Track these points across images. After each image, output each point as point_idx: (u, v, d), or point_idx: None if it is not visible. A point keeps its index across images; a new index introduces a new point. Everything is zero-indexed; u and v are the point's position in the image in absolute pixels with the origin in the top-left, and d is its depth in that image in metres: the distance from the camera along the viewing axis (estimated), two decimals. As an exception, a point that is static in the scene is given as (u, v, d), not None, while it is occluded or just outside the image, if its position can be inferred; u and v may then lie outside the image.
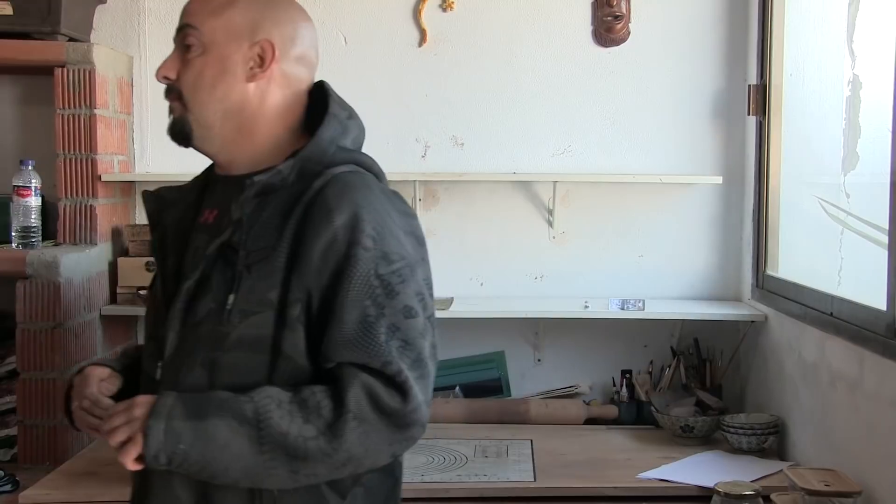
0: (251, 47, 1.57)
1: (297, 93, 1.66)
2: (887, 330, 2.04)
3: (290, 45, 1.63)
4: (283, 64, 1.62)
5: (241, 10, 1.57)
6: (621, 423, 3.03)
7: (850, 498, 2.09)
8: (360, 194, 1.53)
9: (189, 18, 1.58)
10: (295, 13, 1.66)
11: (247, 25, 1.57)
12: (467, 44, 3.13)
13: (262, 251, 1.50)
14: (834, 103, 2.57)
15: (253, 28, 1.57)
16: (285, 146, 1.60)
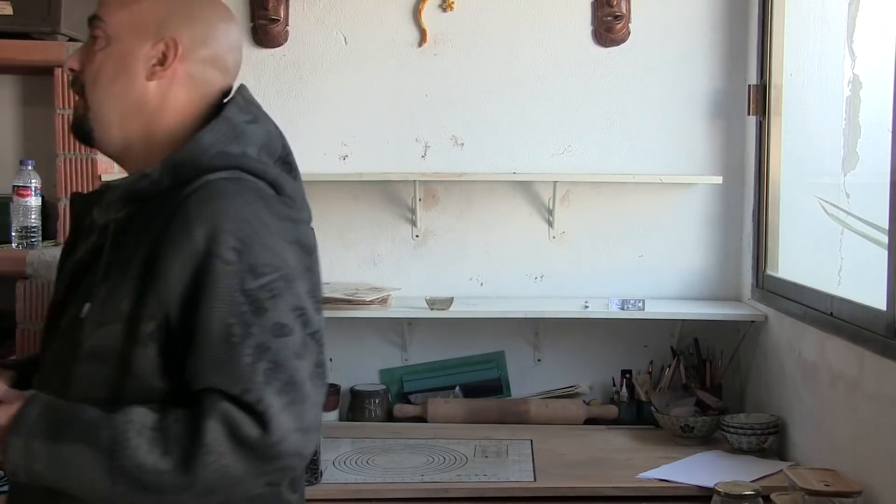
0: (155, 45, 1.48)
1: (205, 96, 1.52)
2: (887, 330, 2.04)
3: (200, 46, 1.50)
4: (188, 64, 1.49)
5: (150, 4, 1.49)
6: (621, 423, 3.03)
7: (850, 498, 2.09)
8: (225, 202, 1.39)
9: (98, 9, 1.51)
10: (211, 12, 1.54)
11: (154, 21, 1.48)
12: (467, 44, 3.13)
13: (122, 260, 1.41)
14: (834, 103, 2.57)
15: (160, 24, 1.48)
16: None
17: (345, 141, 3.15)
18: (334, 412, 3.06)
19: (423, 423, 3.01)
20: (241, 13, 3.14)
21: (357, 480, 2.48)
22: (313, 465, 2.40)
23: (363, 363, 3.17)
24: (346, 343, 3.15)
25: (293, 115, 3.15)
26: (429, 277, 3.17)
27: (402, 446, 2.75)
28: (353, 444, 2.76)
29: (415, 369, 3.18)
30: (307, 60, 3.14)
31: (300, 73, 3.14)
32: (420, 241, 3.17)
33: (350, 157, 3.16)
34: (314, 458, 2.40)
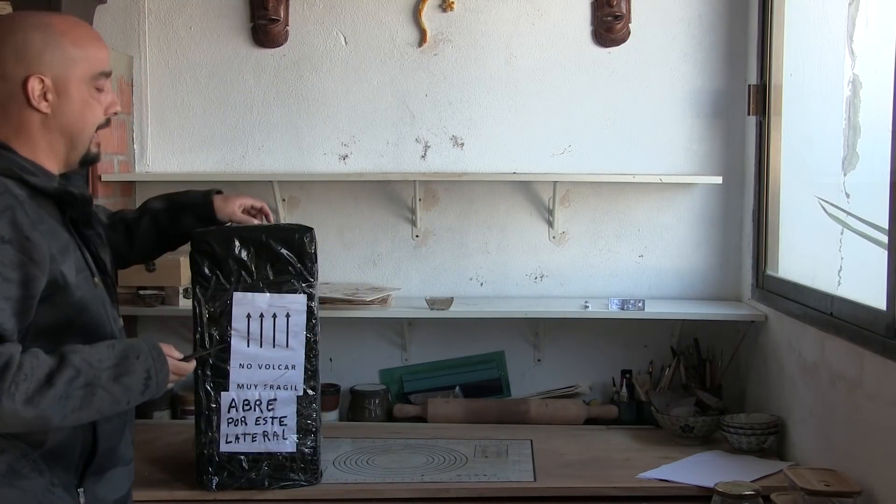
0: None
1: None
2: (887, 330, 2.04)
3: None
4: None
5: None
6: (621, 423, 3.03)
7: (850, 498, 2.09)
8: None
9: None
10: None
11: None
12: (467, 44, 3.13)
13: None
14: (834, 103, 2.57)
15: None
16: None
17: (345, 141, 3.15)
18: (334, 412, 3.06)
19: (423, 423, 3.01)
20: (241, 13, 3.14)
21: (357, 480, 2.48)
22: (313, 465, 2.40)
23: (363, 363, 3.17)
24: (346, 343, 3.15)
25: (293, 115, 3.15)
26: (429, 277, 3.17)
27: (402, 446, 2.75)
28: (353, 444, 2.76)
29: (415, 369, 3.18)
30: (307, 60, 3.15)
31: (300, 73, 3.15)
32: (420, 241, 3.17)
33: (350, 157, 3.16)
34: (314, 457, 2.40)
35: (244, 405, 2.34)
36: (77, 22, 1.83)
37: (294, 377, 2.34)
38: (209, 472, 2.36)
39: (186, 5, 3.14)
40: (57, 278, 1.70)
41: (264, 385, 2.34)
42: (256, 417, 2.35)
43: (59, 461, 1.75)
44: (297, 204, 3.15)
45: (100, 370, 1.70)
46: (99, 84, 1.80)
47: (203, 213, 2.28)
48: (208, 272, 2.30)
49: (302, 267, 2.33)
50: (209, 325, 2.30)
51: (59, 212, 1.77)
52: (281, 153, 3.16)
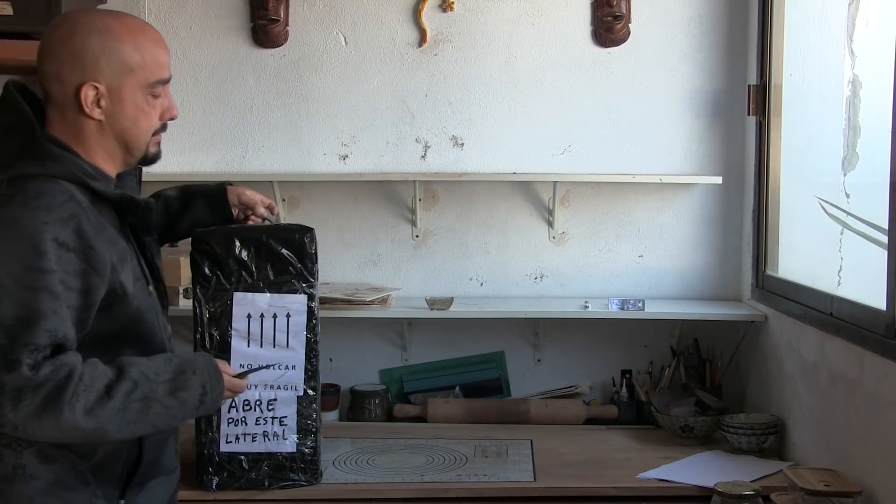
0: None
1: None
2: (887, 330, 2.04)
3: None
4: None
5: None
6: (621, 423, 3.03)
7: (849, 498, 2.09)
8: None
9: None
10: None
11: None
12: (467, 44, 3.13)
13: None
14: (834, 103, 2.57)
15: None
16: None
17: (345, 141, 3.15)
18: (334, 412, 3.06)
19: (423, 423, 3.01)
20: (241, 13, 3.14)
21: (357, 480, 2.48)
22: (313, 465, 2.40)
23: (363, 363, 3.17)
24: (346, 343, 3.15)
25: (293, 115, 3.15)
26: (429, 277, 3.17)
27: (402, 446, 2.75)
28: (353, 444, 2.76)
29: (415, 369, 3.18)
30: (307, 60, 3.14)
31: (300, 73, 3.15)
32: (420, 241, 3.17)
33: (350, 157, 3.16)
34: (314, 458, 2.40)
35: (244, 405, 2.34)
36: (138, 26, 1.78)
37: (294, 377, 2.34)
38: (209, 472, 2.36)
39: (186, 5, 3.14)
40: (116, 288, 1.69)
41: (264, 385, 2.34)
42: (256, 417, 2.35)
43: (104, 473, 1.74)
44: (297, 204, 3.15)
45: (156, 384, 1.69)
46: (155, 91, 1.77)
47: (216, 199, 2.26)
48: (209, 272, 2.30)
49: (302, 267, 2.33)
50: (209, 325, 2.31)
51: (118, 218, 1.76)
52: (281, 153, 3.16)
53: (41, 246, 1.59)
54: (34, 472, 1.68)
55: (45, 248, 1.59)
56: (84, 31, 1.72)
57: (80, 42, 1.71)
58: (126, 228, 1.77)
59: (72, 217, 1.63)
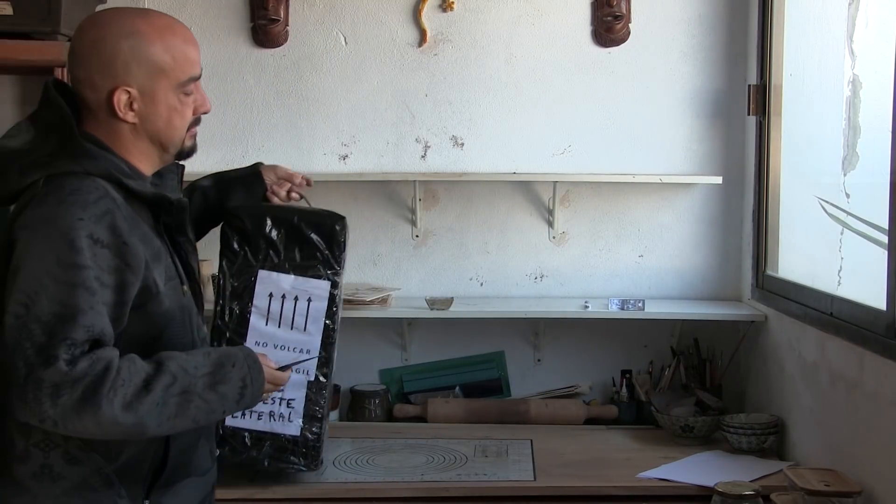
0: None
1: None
2: (887, 330, 2.04)
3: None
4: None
5: None
6: (621, 423, 3.03)
7: (850, 498, 2.09)
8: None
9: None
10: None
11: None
12: (467, 44, 3.13)
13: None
14: (834, 103, 2.57)
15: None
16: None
17: (345, 141, 3.15)
18: (334, 412, 3.06)
19: (423, 423, 3.01)
20: (241, 13, 3.14)
21: (357, 480, 2.48)
22: (314, 451, 2.38)
23: (363, 363, 3.17)
24: (346, 343, 3.14)
25: (293, 115, 3.15)
26: (429, 277, 3.17)
27: (402, 446, 2.75)
28: (353, 444, 2.76)
29: (415, 369, 3.18)
30: (307, 60, 3.15)
31: (300, 73, 3.15)
32: (420, 241, 3.17)
33: (350, 157, 3.16)
34: (317, 444, 2.38)
35: None
36: (167, 25, 1.78)
37: (307, 362, 2.33)
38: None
39: (186, 5, 3.14)
40: (150, 285, 1.69)
41: (277, 365, 2.33)
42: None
43: (129, 474, 1.74)
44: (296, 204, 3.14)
45: (196, 377, 1.68)
46: (187, 89, 1.78)
47: (251, 181, 2.28)
48: (237, 247, 2.30)
49: (329, 254, 2.32)
50: (230, 299, 2.30)
51: (153, 217, 1.76)
52: (281, 153, 3.16)
53: (76, 242, 1.60)
54: (60, 472, 1.69)
55: (81, 244, 1.60)
56: (113, 34, 1.72)
57: (110, 47, 1.71)
58: (160, 227, 1.77)
59: (106, 213, 1.64)
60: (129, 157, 1.77)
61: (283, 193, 2.32)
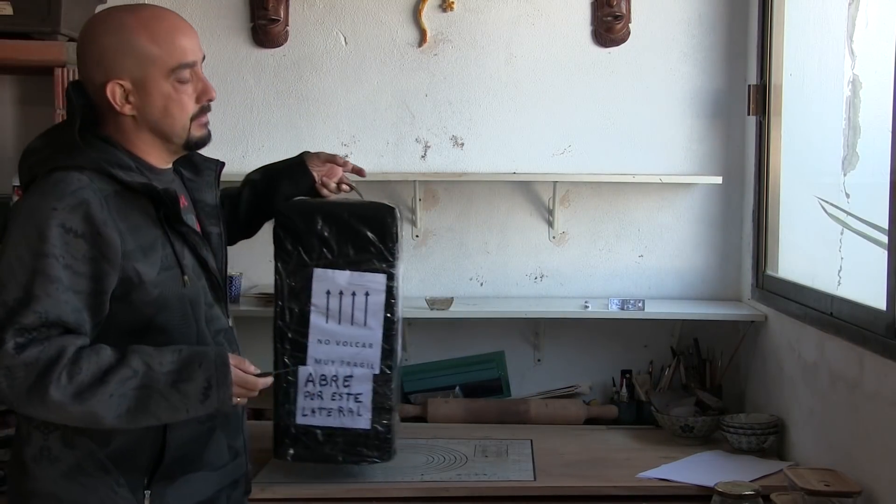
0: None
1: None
2: (887, 330, 2.04)
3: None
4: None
5: None
6: (621, 423, 3.03)
7: (849, 498, 2.09)
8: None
9: (199, 50, 1.87)
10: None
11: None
12: (467, 44, 3.13)
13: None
14: (834, 103, 2.57)
15: None
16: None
17: (345, 141, 3.15)
18: (334, 412, 3.06)
19: (422, 423, 3.01)
20: (241, 13, 3.14)
21: (357, 480, 2.47)
22: (386, 442, 2.38)
23: (363, 363, 3.16)
24: (346, 343, 3.14)
25: (293, 115, 3.15)
26: (429, 277, 3.17)
27: (402, 446, 2.74)
28: (353, 444, 2.76)
29: (415, 369, 3.18)
30: (307, 60, 3.15)
31: (300, 73, 3.15)
32: (420, 241, 3.17)
33: (350, 157, 3.14)
34: (388, 435, 2.38)
35: (321, 380, 2.33)
36: (153, 15, 1.82)
37: (371, 355, 2.33)
38: (285, 442, 2.36)
39: (186, 5, 3.14)
40: (130, 276, 1.71)
41: (341, 361, 2.33)
42: (332, 393, 2.34)
43: (126, 462, 1.76)
44: (297, 204, 3.15)
45: (159, 374, 1.68)
46: (180, 76, 1.80)
47: (298, 172, 2.29)
48: (290, 247, 2.31)
49: (383, 246, 2.32)
50: (289, 299, 2.31)
51: (155, 208, 1.78)
52: (281, 153, 3.13)
53: (45, 231, 1.65)
54: (58, 454, 1.73)
55: (49, 233, 1.65)
56: (100, 32, 1.78)
57: (98, 44, 1.77)
58: (161, 218, 1.79)
59: (81, 203, 1.67)
60: (136, 151, 1.82)
61: (332, 186, 2.33)
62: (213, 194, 1.98)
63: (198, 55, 1.85)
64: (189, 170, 1.97)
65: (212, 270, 1.89)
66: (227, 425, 1.90)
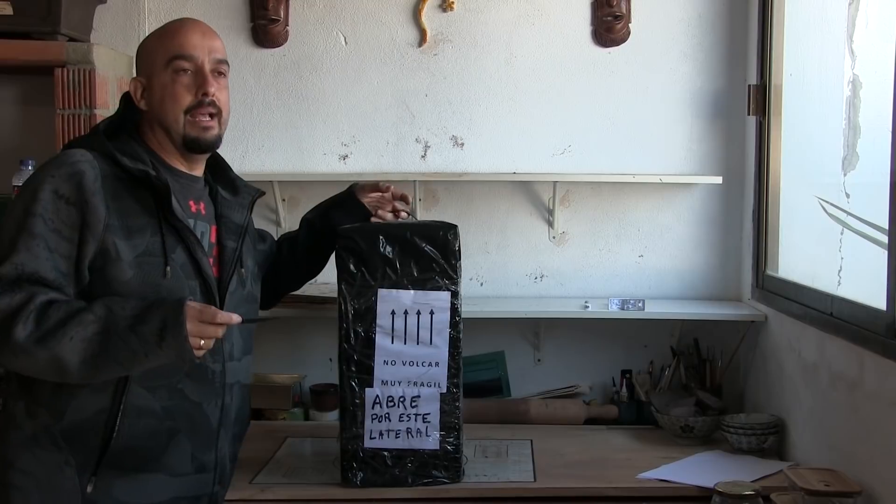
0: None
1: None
2: (887, 330, 2.04)
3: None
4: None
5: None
6: (621, 423, 3.03)
7: (850, 498, 2.09)
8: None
9: (220, 53, 2.02)
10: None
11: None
12: (467, 44, 3.13)
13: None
14: (834, 103, 2.57)
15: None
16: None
17: (345, 141, 3.15)
18: (335, 412, 3.06)
19: (423, 423, 3.00)
20: (241, 13, 3.14)
21: (357, 480, 2.47)
22: (455, 462, 2.39)
23: (363, 363, 3.16)
24: (346, 343, 3.14)
25: (293, 115, 3.15)
26: (429, 277, 3.17)
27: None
28: (353, 444, 2.76)
29: (415, 369, 3.17)
30: (307, 60, 3.14)
31: (300, 73, 3.14)
32: (420, 241, 3.17)
33: (350, 157, 3.16)
34: (457, 455, 2.39)
35: (388, 401, 2.34)
36: (174, 21, 2.01)
37: (438, 374, 2.34)
38: (353, 467, 2.36)
39: (186, 5, 3.14)
40: (108, 248, 1.78)
41: (408, 382, 2.34)
42: (400, 414, 2.35)
43: (77, 442, 1.80)
44: (297, 204, 3.15)
45: (119, 317, 1.73)
46: (176, 66, 1.92)
47: (350, 205, 2.38)
48: (354, 269, 2.31)
49: (446, 264, 2.33)
50: (354, 322, 2.32)
51: (155, 201, 1.86)
52: (281, 153, 3.16)
53: (38, 194, 1.76)
54: (21, 422, 1.82)
55: (41, 195, 1.76)
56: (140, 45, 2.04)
57: (136, 54, 2.04)
58: (159, 209, 1.87)
59: (76, 173, 1.79)
60: (155, 148, 1.95)
61: (389, 216, 2.41)
62: (243, 215, 2.09)
63: (200, 51, 1.95)
64: (228, 190, 2.09)
65: (205, 276, 1.92)
66: (193, 431, 1.92)
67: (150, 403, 1.86)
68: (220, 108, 2.01)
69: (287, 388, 3.07)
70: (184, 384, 1.91)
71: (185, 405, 1.91)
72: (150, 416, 1.84)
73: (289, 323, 3.12)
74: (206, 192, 2.06)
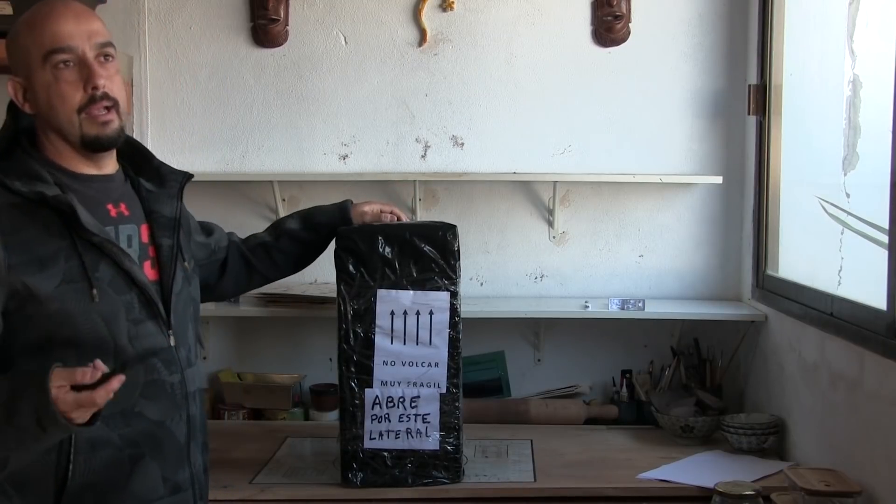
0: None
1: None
2: (887, 330, 2.04)
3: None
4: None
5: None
6: (621, 423, 3.03)
7: (850, 498, 2.09)
8: None
9: (102, 36, 1.77)
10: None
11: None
12: (467, 44, 3.13)
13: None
14: (834, 103, 2.56)
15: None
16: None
17: (345, 141, 3.15)
18: (335, 412, 3.06)
19: (423, 423, 3.00)
20: (240, 13, 3.14)
21: (357, 480, 2.47)
22: (455, 462, 2.40)
23: (363, 363, 3.16)
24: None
25: (293, 115, 3.15)
26: (429, 277, 3.17)
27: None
28: (353, 444, 2.76)
29: (415, 369, 3.18)
30: (307, 60, 3.14)
31: (300, 73, 3.14)
32: (420, 241, 3.17)
33: (350, 157, 3.16)
34: (456, 455, 2.40)
35: (388, 402, 2.35)
36: (39, 9, 1.73)
37: (437, 374, 2.35)
38: (353, 468, 2.37)
39: (186, 5, 3.14)
40: (19, 290, 1.62)
41: (408, 382, 2.35)
42: (400, 415, 2.35)
43: (28, 488, 1.65)
44: (297, 204, 3.14)
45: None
46: (54, 61, 1.69)
47: (340, 224, 2.35)
48: (353, 269, 2.32)
49: (445, 264, 2.34)
50: (353, 322, 2.32)
51: (61, 219, 1.67)
52: (281, 153, 3.16)
53: None
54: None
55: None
56: (6, 40, 1.77)
57: (6, 48, 1.76)
58: (69, 228, 1.68)
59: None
60: (54, 157, 1.75)
61: (388, 218, 2.41)
62: (173, 207, 1.87)
63: (78, 39, 1.71)
64: (154, 181, 1.88)
65: (141, 286, 1.74)
66: (159, 454, 1.76)
67: (104, 434, 1.68)
68: (115, 98, 1.74)
69: (287, 388, 3.07)
70: (141, 406, 1.73)
71: (146, 427, 1.74)
72: (106, 447, 1.68)
73: (289, 323, 3.12)
74: (127, 189, 1.83)
